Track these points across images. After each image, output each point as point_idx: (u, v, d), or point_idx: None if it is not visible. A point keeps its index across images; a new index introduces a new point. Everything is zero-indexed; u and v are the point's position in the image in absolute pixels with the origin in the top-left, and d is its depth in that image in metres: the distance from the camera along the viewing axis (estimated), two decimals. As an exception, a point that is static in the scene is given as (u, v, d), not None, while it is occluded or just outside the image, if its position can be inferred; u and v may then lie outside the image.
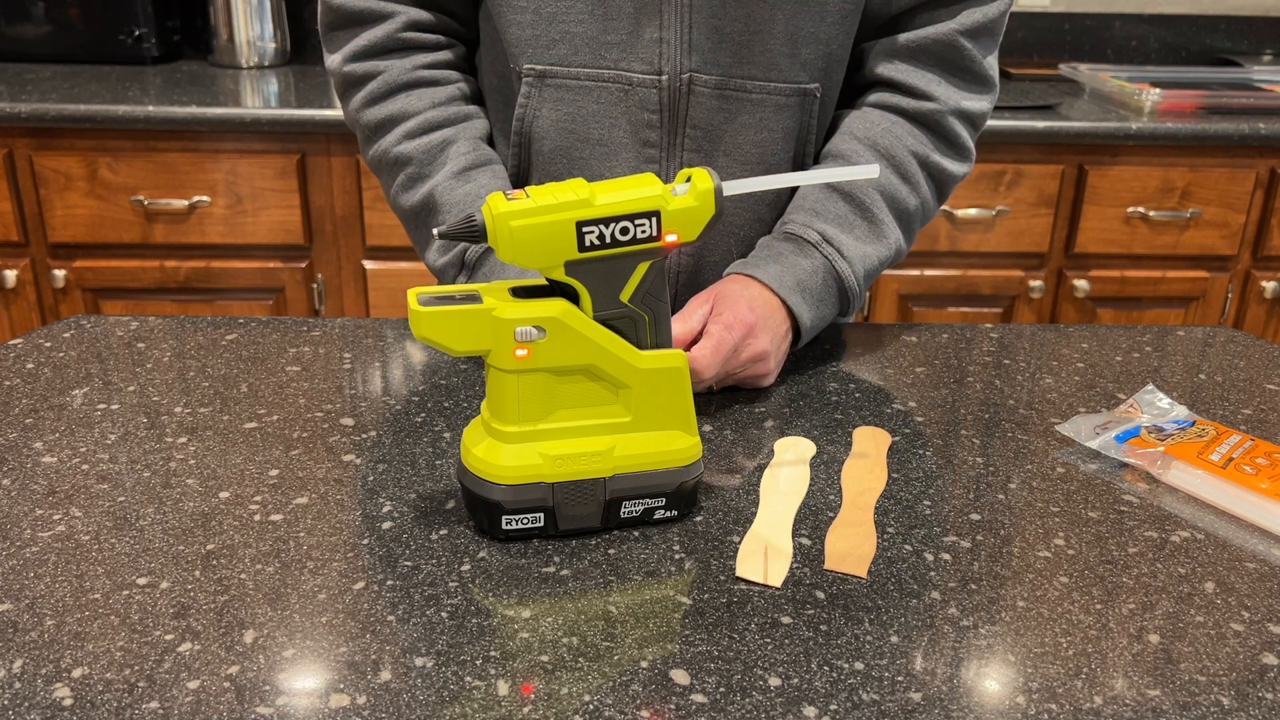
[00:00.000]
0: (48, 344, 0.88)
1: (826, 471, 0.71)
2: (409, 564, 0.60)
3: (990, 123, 1.74)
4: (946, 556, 0.62)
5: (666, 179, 0.90)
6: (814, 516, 0.66)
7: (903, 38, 0.90)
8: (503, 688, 0.50)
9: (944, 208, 1.88)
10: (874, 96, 0.93)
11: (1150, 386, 0.82)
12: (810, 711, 0.50)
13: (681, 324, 0.79)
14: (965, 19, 0.89)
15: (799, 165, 0.93)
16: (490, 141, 0.95)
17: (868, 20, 0.91)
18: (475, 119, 0.94)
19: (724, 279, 0.85)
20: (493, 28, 0.90)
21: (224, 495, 0.66)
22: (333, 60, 0.92)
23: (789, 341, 0.85)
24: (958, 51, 0.90)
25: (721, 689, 0.51)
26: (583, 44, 0.86)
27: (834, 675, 0.52)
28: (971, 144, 0.95)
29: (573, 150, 0.89)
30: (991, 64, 0.93)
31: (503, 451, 0.60)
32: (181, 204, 1.82)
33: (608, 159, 0.89)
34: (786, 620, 0.56)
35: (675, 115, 0.87)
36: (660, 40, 0.85)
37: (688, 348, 0.77)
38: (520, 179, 0.93)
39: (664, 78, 0.86)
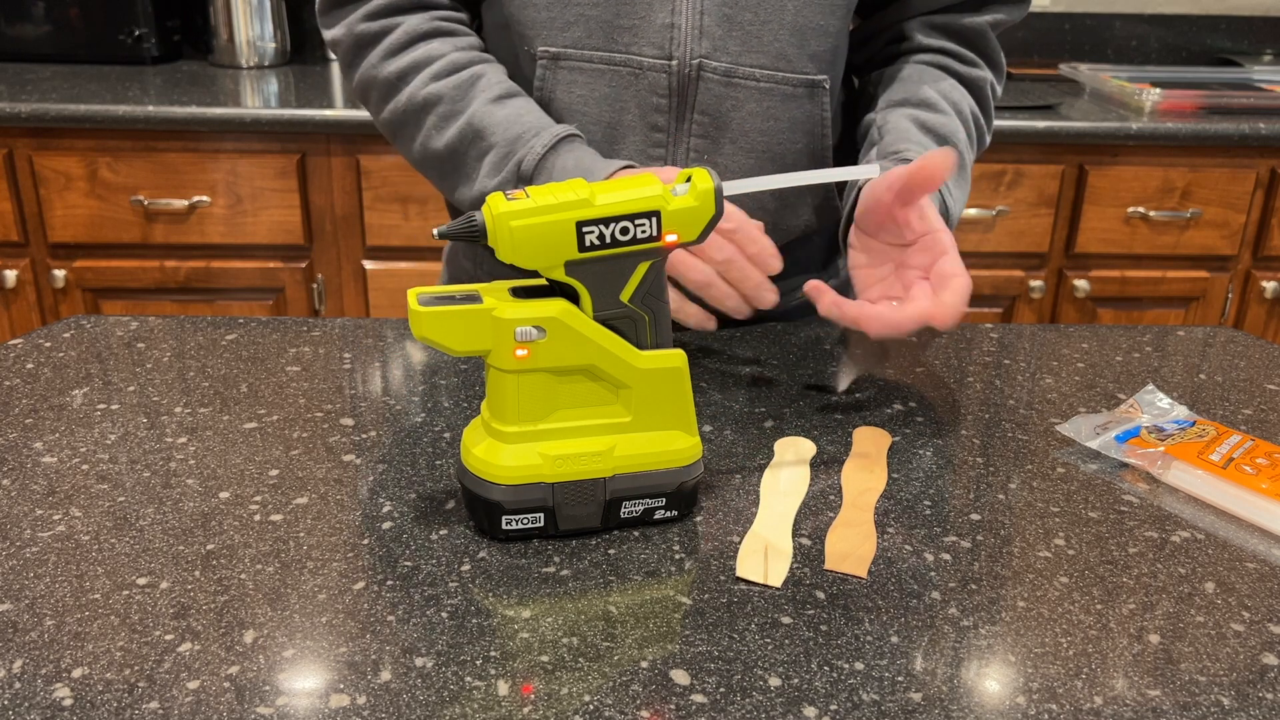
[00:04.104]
0: (48, 344, 0.88)
1: (826, 471, 0.71)
2: (409, 564, 0.60)
3: (990, 123, 1.75)
4: (946, 556, 0.62)
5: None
6: (814, 516, 0.66)
7: (939, 18, 0.94)
8: (503, 688, 0.50)
9: (944, 208, 1.89)
10: (923, 56, 0.96)
11: (1150, 386, 0.82)
12: (810, 711, 0.50)
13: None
14: (992, 16, 0.95)
15: (816, 157, 0.93)
16: None
17: (890, 17, 0.95)
18: (497, 63, 0.93)
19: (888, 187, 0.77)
20: (499, 13, 0.91)
21: (224, 495, 0.66)
22: (339, 29, 0.92)
23: None
24: (986, 41, 0.95)
25: (721, 689, 0.51)
26: (596, 27, 0.87)
27: (834, 675, 0.52)
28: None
29: (581, 131, 0.89)
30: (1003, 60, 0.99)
31: (503, 451, 0.60)
32: (181, 204, 1.82)
33: (615, 141, 0.90)
34: (786, 620, 0.56)
35: (684, 101, 0.88)
36: (672, 25, 0.86)
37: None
38: None
39: (674, 63, 0.86)
